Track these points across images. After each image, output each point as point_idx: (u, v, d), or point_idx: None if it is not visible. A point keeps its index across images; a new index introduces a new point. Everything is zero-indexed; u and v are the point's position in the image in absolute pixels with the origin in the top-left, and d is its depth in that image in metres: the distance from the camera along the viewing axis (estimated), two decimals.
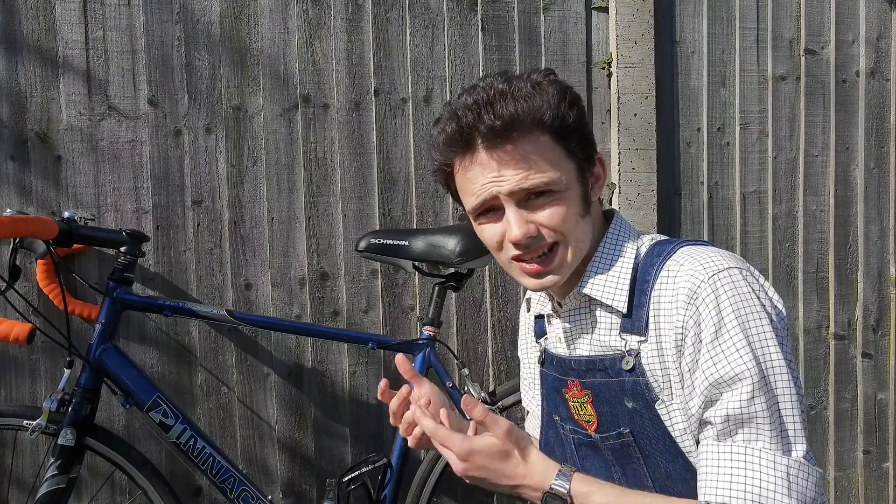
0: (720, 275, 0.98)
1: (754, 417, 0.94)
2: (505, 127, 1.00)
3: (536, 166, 1.01)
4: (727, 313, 0.96)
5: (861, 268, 2.48)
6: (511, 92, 1.01)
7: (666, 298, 1.02)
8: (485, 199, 1.04)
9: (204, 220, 1.96)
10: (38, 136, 1.85)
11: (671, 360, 1.01)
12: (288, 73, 1.99)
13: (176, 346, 1.95)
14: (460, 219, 2.12)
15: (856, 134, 2.46)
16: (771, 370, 0.96)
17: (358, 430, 2.09)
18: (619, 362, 1.06)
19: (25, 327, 1.55)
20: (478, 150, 1.02)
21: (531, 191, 1.02)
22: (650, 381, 1.03)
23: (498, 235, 1.06)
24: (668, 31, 2.27)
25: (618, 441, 1.07)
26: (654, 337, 1.03)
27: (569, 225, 1.04)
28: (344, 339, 1.88)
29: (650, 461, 1.05)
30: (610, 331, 1.08)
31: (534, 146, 1.01)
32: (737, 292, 0.97)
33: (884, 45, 2.47)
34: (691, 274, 0.99)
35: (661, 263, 1.04)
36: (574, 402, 1.13)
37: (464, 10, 2.11)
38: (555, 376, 1.17)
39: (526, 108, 1.00)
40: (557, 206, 1.03)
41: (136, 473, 1.69)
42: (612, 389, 1.07)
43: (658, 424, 1.03)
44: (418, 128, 2.08)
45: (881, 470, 2.53)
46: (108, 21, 1.87)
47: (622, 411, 1.06)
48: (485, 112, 1.00)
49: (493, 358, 2.16)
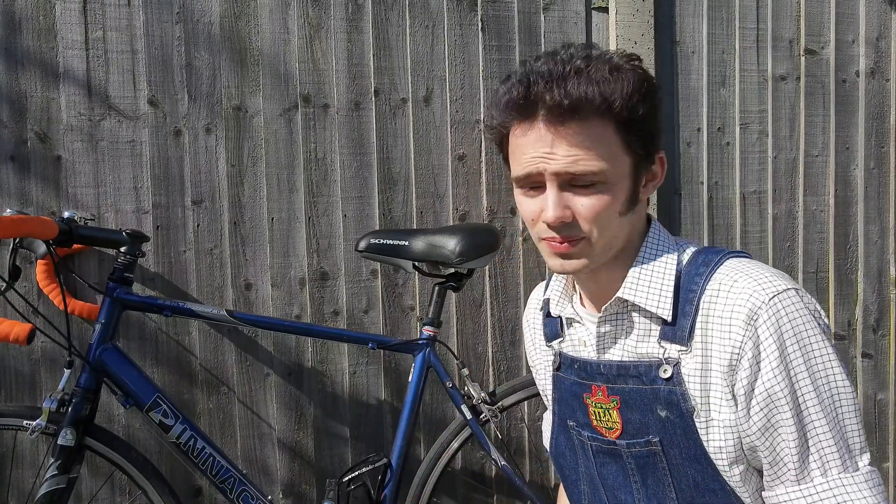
0: (780, 297, 0.97)
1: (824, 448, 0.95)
2: (571, 106, 0.96)
3: (590, 153, 0.97)
4: (789, 339, 0.96)
5: (861, 268, 2.48)
6: (588, 71, 0.97)
7: (717, 313, 1.00)
8: (530, 171, 1.01)
9: (204, 220, 1.96)
10: (37, 136, 1.85)
11: (718, 377, 1.00)
12: (288, 73, 1.99)
13: (176, 347, 1.95)
14: (460, 219, 2.12)
15: (856, 134, 2.46)
16: (836, 392, 0.96)
17: (358, 430, 2.09)
18: (656, 370, 1.03)
19: (25, 327, 1.55)
20: (538, 120, 0.99)
21: (577, 176, 0.98)
22: (688, 391, 1.01)
23: (535, 212, 1.03)
24: (668, 31, 2.27)
25: (644, 449, 1.05)
26: (699, 350, 1.01)
27: (604, 220, 1.00)
28: (344, 339, 1.88)
29: (677, 471, 1.04)
30: (647, 337, 1.06)
31: (594, 132, 0.98)
32: (798, 315, 0.96)
33: (884, 45, 2.47)
34: (750, 294, 0.97)
35: (709, 274, 1.02)
36: (597, 408, 1.10)
37: (464, 10, 2.11)
38: (574, 380, 1.14)
39: (597, 92, 0.96)
40: (599, 199, 0.99)
41: (135, 474, 1.69)
42: (645, 397, 1.04)
43: (691, 436, 1.01)
44: (418, 128, 2.08)
45: (881, 470, 2.53)
46: (108, 21, 1.87)
47: (653, 419, 1.04)
48: (556, 86, 0.96)
49: (493, 358, 2.16)
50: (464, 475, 2.16)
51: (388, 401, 2.10)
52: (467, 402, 1.82)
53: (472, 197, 2.13)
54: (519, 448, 2.21)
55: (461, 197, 2.12)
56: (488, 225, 2.11)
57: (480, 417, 1.81)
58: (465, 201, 2.12)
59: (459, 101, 2.11)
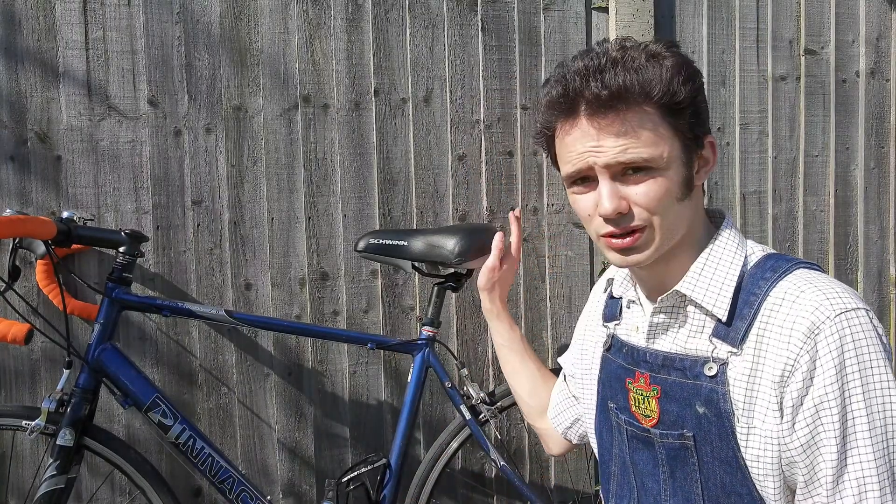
0: (848, 314, 0.94)
1: (865, 475, 0.92)
2: (611, 97, 0.96)
3: (637, 140, 0.97)
4: (850, 358, 0.93)
5: (861, 268, 2.48)
6: (623, 61, 0.97)
7: (778, 321, 0.98)
8: (580, 168, 1.01)
9: (204, 220, 1.96)
10: (37, 136, 1.85)
11: (768, 386, 0.98)
12: (288, 73, 1.99)
13: (175, 347, 1.95)
14: (460, 219, 2.12)
15: (856, 134, 2.45)
16: (890, 420, 0.93)
17: (358, 431, 2.09)
18: (701, 366, 1.02)
19: (23, 327, 1.55)
20: (580, 116, 0.99)
21: (628, 165, 0.98)
22: (731, 393, 1.00)
23: (590, 208, 1.03)
24: (668, 31, 2.27)
25: (677, 442, 1.05)
26: (751, 354, 0.99)
27: (663, 207, 0.99)
28: (344, 339, 1.88)
29: (706, 469, 1.03)
30: (700, 333, 1.05)
31: (638, 119, 0.97)
32: (863, 336, 0.94)
33: (884, 45, 2.47)
34: (816, 307, 0.95)
35: (775, 281, 1.00)
36: (637, 394, 1.10)
37: (464, 10, 2.11)
38: (621, 364, 1.14)
39: (635, 79, 0.96)
40: (654, 185, 0.98)
41: (134, 474, 1.69)
42: (686, 390, 1.04)
43: (725, 437, 1.00)
44: (418, 128, 2.08)
45: None
46: (108, 21, 1.87)
47: (690, 414, 1.03)
48: (593, 79, 0.97)
49: (492, 358, 2.16)
50: (463, 475, 2.16)
51: (388, 401, 2.10)
52: (466, 402, 1.82)
53: (472, 197, 2.13)
54: (518, 448, 2.21)
55: (461, 197, 2.12)
56: (488, 225, 2.11)
57: (480, 418, 1.81)
58: (465, 201, 2.12)
59: (459, 101, 2.10)
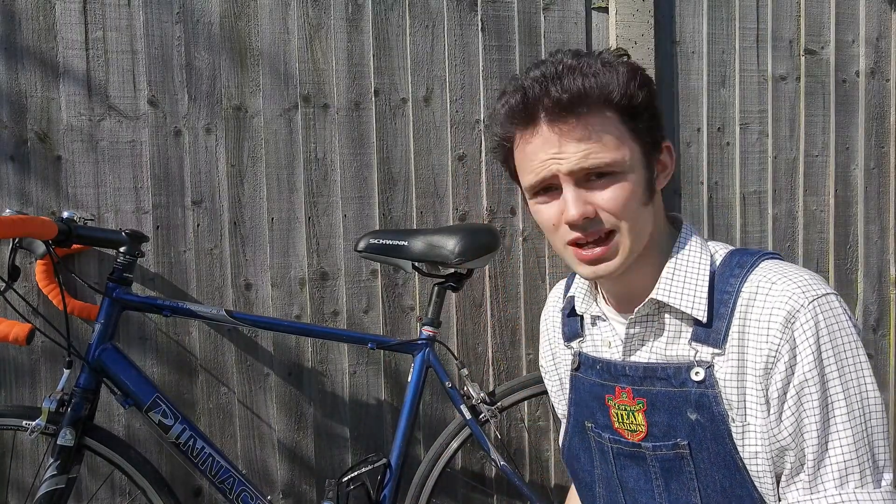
0: (820, 301, 0.95)
1: (845, 459, 0.93)
2: (571, 101, 0.96)
3: (599, 145, 0.96)
4: (825, 343, 0.94)
5: (861, 268, 2.48)
6: (580, 67, 0.97)
7: (755, 315, 0.98)
8: (544, 176, 0.99)
9: (204, 220, 1.96)
10: (37, 136, 1.85)
11: (754, 381, 0.98)
12: (288, 73, 1.99)
13: (176, 347, 1.95)
14: (460, 219, 2.12)
15: (856, 134, 2.45)
16: (867, 403, 0.94)
17: (358, 431, 2.09)
18: (686, 372, 1.01)
19: (24, 327, 1.55)
20: (540, 123, 0.98)
21: (592, 170, 0.97)
22: (722, 394, 0.99)
23: (554, 217, 1.01)
24: (668, 31, 2.27)
25: (671, 452, 1.03)
26: (735, 352, 0.99)
27: (629, 210, 0.99)
28: (344, 339, 1.88)
29: (704, 476, 1.02)
30: (678, 338, 1.04)
31: (599, 123, 0.97)
32: (836, 321, 0.95)
33: (884, 45, 2.47)
34: (789, 297, 0.96)
35: (744, 276, 1.00)
36: (620, 410, 1.08)
37: (464, 10, 2.11)
38: (596, 382, 1.12)
39: (594, 83, 0.96)
40: (619, 189, 0.98)
41: (135, 474, 1.69)
42: (674, 399, 1.02)
43: (722, 440, 0.99)
44: (418, 128, 2.08)
45: None
46: (108, 21, 1.87)
47: (682, 422, 1.02)
48: (551, 85, 0.96)
49: (492, 358, 2.16)
50: (463, 475, 2.16)
51: (388, 401, 2.10)
52: (467, 402, 1.82)
53: (472, 197, 2.13)
54: (518, 448, 2.21)
55: (461, 197, 2.12)
56: (488, 225, 2.11)
57: (480, 418, 1.81)
58: (465, 201, 2.12)
59: (459, 102, 2.10)
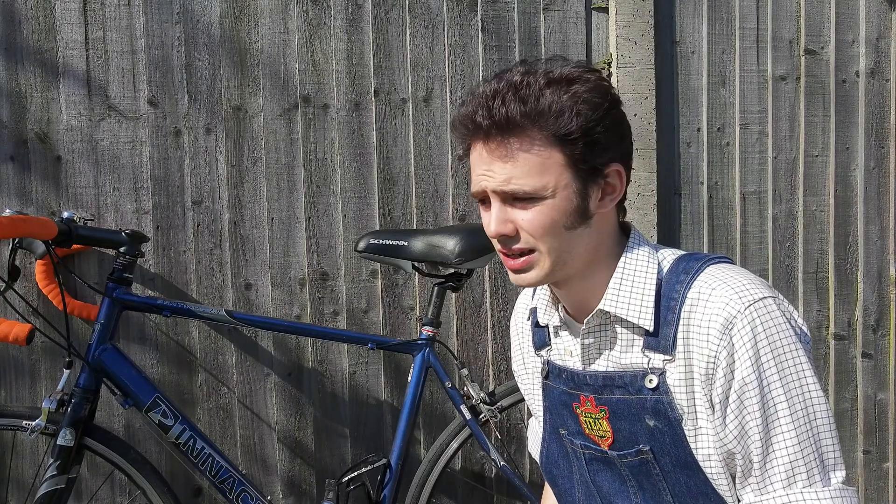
0: (756, 305, 0.97)
1: (790, 459, 0.95)
2: (499, 127, 0.97)
3: (521, 171, 0.98)
4: (763, 346, 0.96)
5: (861, 268, 2.48)
6: (520, 90, 0.97)
7: (696, 321, 1.00)
8: (477, 190, 1.04)
9: (204, 220, 1.96)
10: (37, 136, 1.85)
11: (700, 386, 1.00)
12: (288, 73, 1.99)
13: (176, 347, 1.95)
14: (460, 219, 2.12)
15: (856, 134, 2.45)
16: (809, 402, 0.96)
17: (358, 430, 2.09)
18: (641, 379, 1.03)
19: (25, 328, 1.55)
20: (479, 139, 1.01)
21: (511, 195, 1.00)
22: (675, 400, 1.02)
23: (486, 226, 1.06)
24: (668, 31, 2.27)
25: (636, 458, 1.06)
26: (682, 358, 1.01)
27: (548, 233, 1.00)
28: (344, 339, 1.89)
29: (670, 477, 1.04)
30: (631, 348, 1.06)
31: (526, 149, 0.98)
32: (773, 324, 0.96)
33: (884, 45, 2.47)
34: (726, 302, 0.97)
35: (689, 282, 1.02)
36: (587, 418, 1.10)
37: (464, 10, 2.11)
38: (563, 390, 1.13)
39: (524, 110, 0.96)
40: (537, 213, 0.99)
41: (135, 474, 1.69)
42: (633, 406, 1.05)
43: (680, 443, 1.02)
44: (418, 128, 2.08)
45: (881, 470, 2.53)
46: (108, 21, 1.87)
47: (642, 429, 1.04)
48: (482, 108, 0.98)
49: (492, 358, 2.16)
50: (463, 475, 2.16)
51: (388, 401, 2.10)
52: (467, 402, 1.82)
53: (472, 197, 2.13)
54: (518, 448, 2.21)
55: (461, 197, 2.12)
56: None
57: (480, 417, 1.81)
58: (465, 201, 2.12)
59: (459, 101, 2.11)
